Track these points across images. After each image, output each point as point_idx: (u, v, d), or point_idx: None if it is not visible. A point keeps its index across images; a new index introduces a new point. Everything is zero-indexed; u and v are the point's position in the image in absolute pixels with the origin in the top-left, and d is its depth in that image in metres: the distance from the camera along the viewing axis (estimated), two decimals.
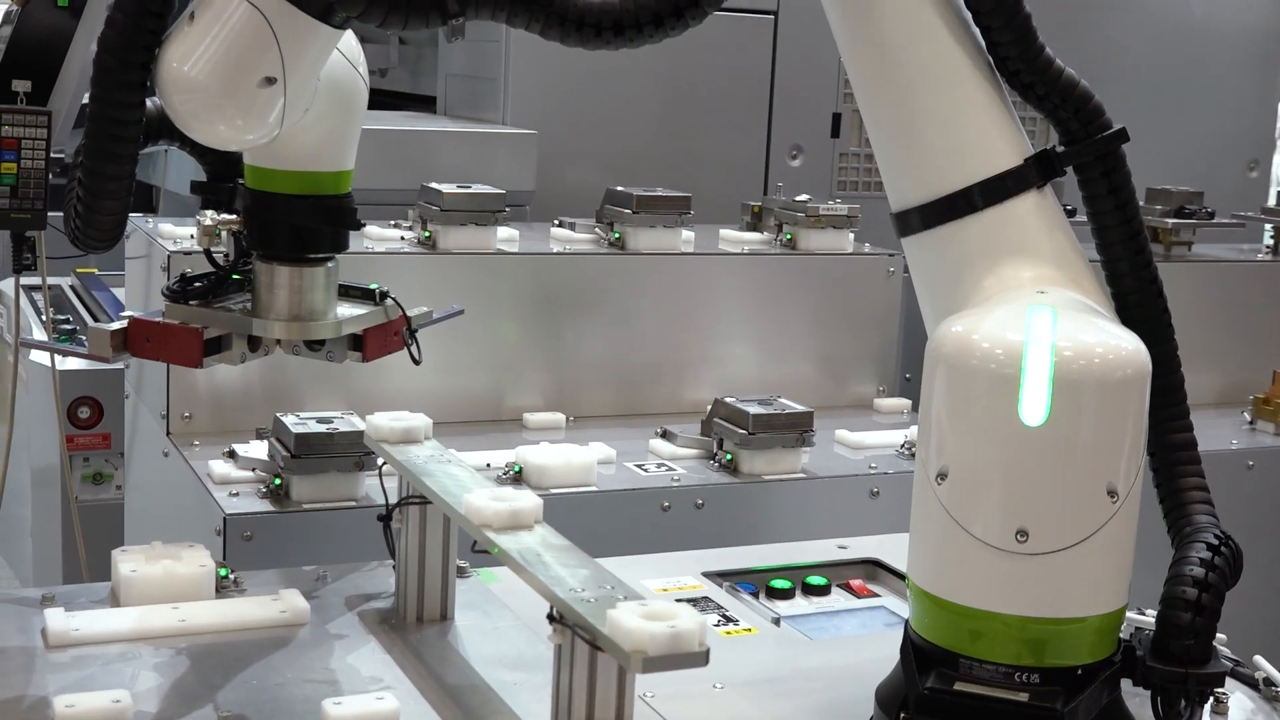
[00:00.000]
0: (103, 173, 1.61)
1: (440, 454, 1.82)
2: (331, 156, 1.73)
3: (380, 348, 1.86)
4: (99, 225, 1.66)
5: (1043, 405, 1.39)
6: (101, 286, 4.74)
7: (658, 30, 1.49)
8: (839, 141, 4.02)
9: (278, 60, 1.53)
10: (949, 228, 1.57)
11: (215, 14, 1.53)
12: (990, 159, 1.56)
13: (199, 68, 1.53)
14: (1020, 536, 1.40)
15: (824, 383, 3.12)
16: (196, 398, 2.63)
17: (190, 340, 1.69)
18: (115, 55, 1.54)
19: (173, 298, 1.73)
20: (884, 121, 1.63)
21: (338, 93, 1.71)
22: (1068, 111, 1.58)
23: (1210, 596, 1.46)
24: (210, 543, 2.15)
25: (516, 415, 2.85)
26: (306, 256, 1.74)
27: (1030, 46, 1.57)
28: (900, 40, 1.59)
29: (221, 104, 1.55)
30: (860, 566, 2.16)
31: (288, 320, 1.74)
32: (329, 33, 1.58)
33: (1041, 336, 1.40)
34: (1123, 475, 1.41)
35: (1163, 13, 4.56)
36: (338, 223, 1.75)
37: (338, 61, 1.70)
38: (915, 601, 1.52)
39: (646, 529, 2.43)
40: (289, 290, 1.74)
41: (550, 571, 1.43)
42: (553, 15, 1.49)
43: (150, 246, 2.77)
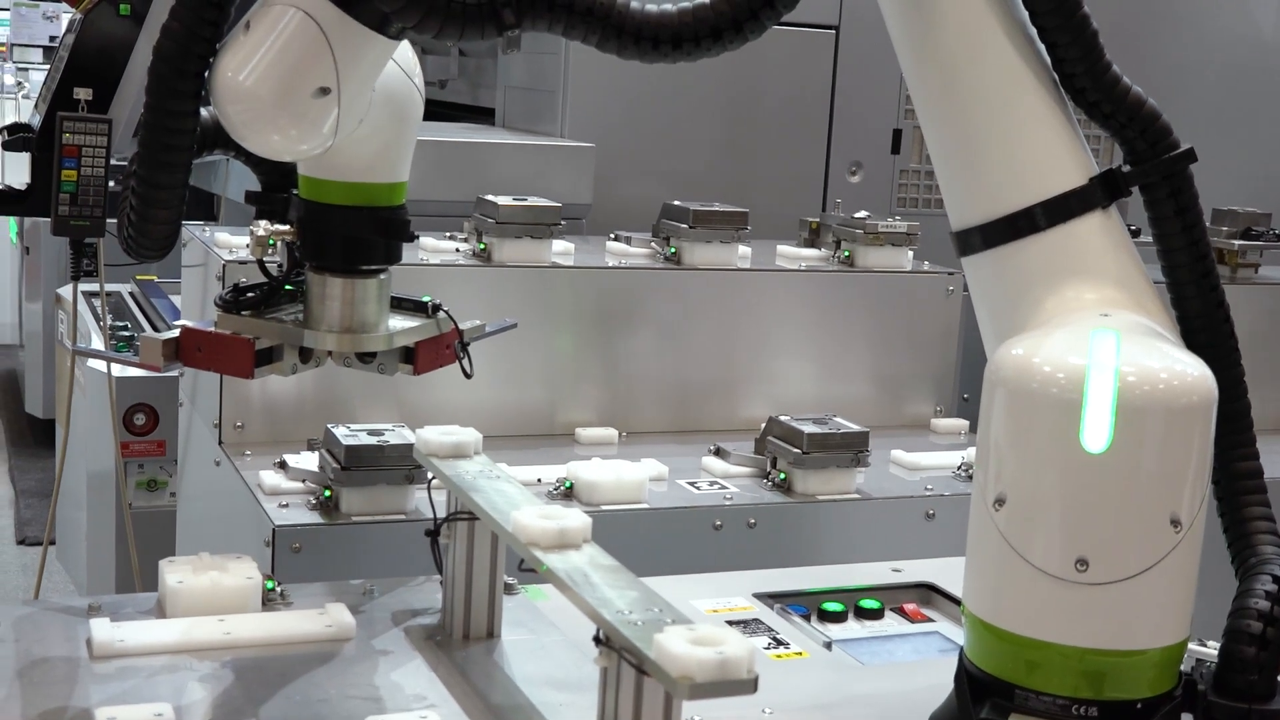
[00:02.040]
0: (156, 182, 1.60)
1: (490, 469, 1.80)
2: (386, 168, 1.72)
3: (432, 361, 1.84)
4: (151, 234, 1.65)
5: (1105, 431, 1.35)
6: (160, 293, 4.77)
7: (716, 44, 1.47)
8: (899, 158, 3.98)
9: (332, 71, 1.52)
10: (1010, 247, 1.54)
11: (271, 24, 1.52)
12: (1054, 178, 1.53)
13: (254, 77, 1.52)
14: (1080, 565, 1.37)
15: (880, 402, 3.09)
16: (249, 407, 2.62)
17: (242, 351, 1.69)
18: (170, 64, 1.53)
19: (225, 308, 1.72)
20: (946, 139, 1.60)
21: (393, 104, 1.69)
22: (1134, 130, 1.55)
23: (1275, 630, 1.42)
24: (259, 553, 2.14)
25: (569, 430, 2.83)
26: (359, 268, 1.73)
27: (1097, 63, 1.53)
28: (963, 56, 1.56)
29: (275, 114, 1.54)
30: (914, 590, 2.13)
31: (339, 332, 1.73)
32: (384, 44, 1.57)
33: (1104, 361, 1.36)
34: (1186, 504, 1.37)
35: (1231, 30, 4.50)
36: (391, 235, 1.73)
37: (393, 73, 1.68)
38: (970, 629, 1.49)
39: (698, 548, 2.41)
40: (341, 302, 1.73)
41: (597, 592, 1.40)
42: (610, 27, 1.47)
43: (206, 255, 2.78)
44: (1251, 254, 3.47)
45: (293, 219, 1.74)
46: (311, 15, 1.51)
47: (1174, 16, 4.32)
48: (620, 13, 1.48)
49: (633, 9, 1.48)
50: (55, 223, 3.30)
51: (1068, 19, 1.52)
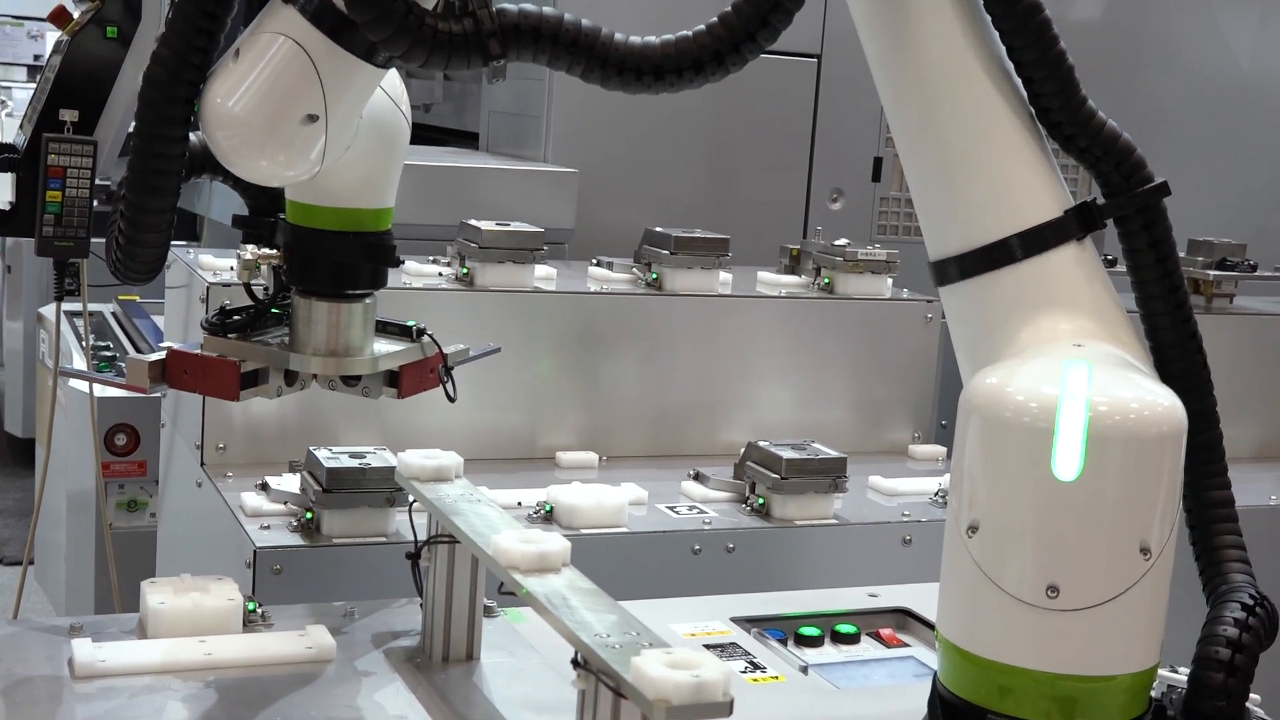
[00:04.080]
0: (145, 206, 1.61)
1: (470, 493, 1.81)
2: (372, 194, 1.74)
3: (416, 384, 1.87)
4: (139, 258, 1.67)
5: (1076, 460, 1.37)
6: (143, 314, 4.77)
7: (698, 75, 1.50)
8: (880, 185, 4.02)
9: (320, 98, 1.54)
10: (986, 278, 1.56)
11: (260, 51, 1.53)
12: (1029, 210, 1.55)
13: (242, 104, 1.54)
14: (1051, 592, 1.39)
15: (859, 428, 3.11)
16: (231, 429, 2.63)
17: (228, 373, 1.71)
18: (160, 90, 1.55)
19: (211, 330, 1.74)
20: (923, 169, 1.62)
21: (380, 131, 1.71)
22: (1109, 164, 1.57)
23: (1244, 657, 1.44)
24: (240, 575, 2.15)
25: (550, 454, 2.84)
26: (345, 292, 1.75)
27: (1073, 98, 1.56)
28: (940, 88, 1.58)
29: (263, 140, 1.56)
30: (890, 616, 2.15)
31: (325, 355, 1.75)
32: (372, 72, 1.58)
33: (1076, 391, 1.38)
34: (1156, 533, 1.39)
35: (1209, 64, 4.54)
36: (377, 259, 1.76)
37: (380, 100, 1.70)
38: (944, 654, 1.50)
39: (676, 572, 2.42)
40: (327, 325, 1.75)
41: (576, 616, 1.42)
42: (594, 59, 1.49)
43: (190, 277, 2.79)
44: (1226, 284, 3.50)
45: (279, 243, 1.76)
46: (300, 43, 1.52)
47: (1153, 50, 4.36)
48: (604, 44, 1.49)
49: (616, 40, 1.50)
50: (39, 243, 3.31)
51: (1043, 54, 1.54)
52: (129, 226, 1.63)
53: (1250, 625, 1.45)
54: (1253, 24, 4.55)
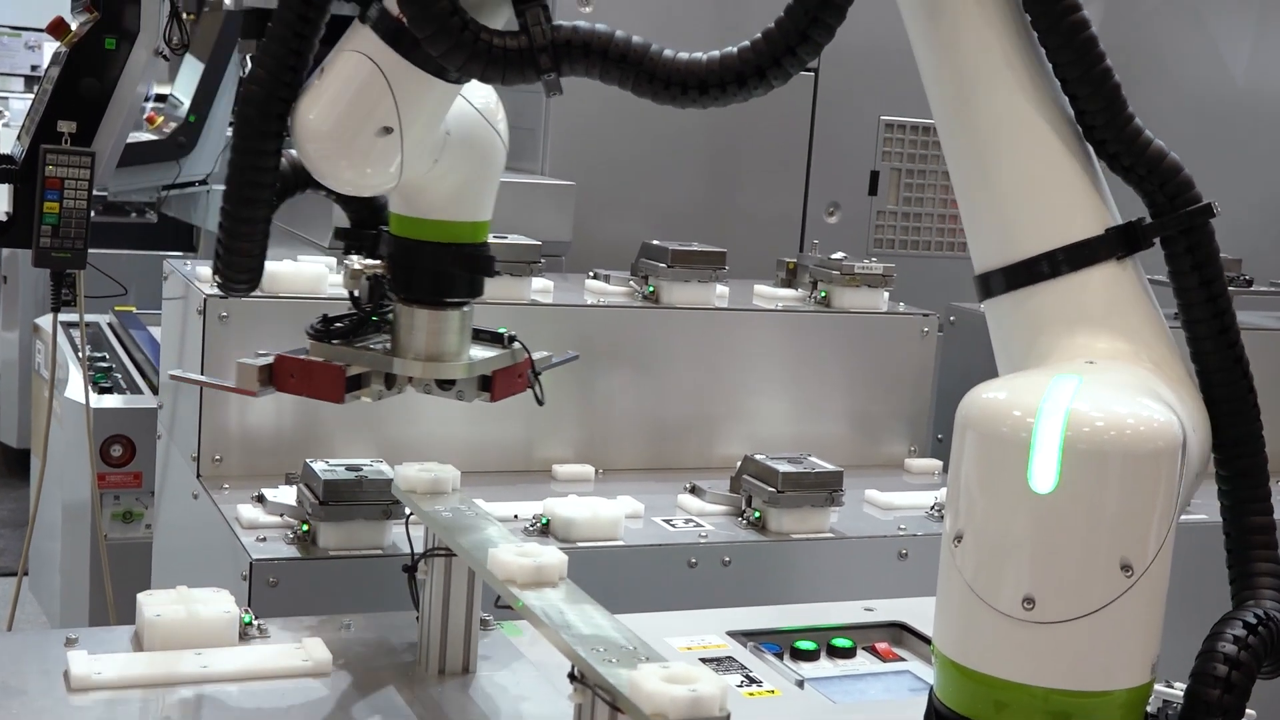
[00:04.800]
0: (241, 216, 1.69)
1: (467, 506, 1.82)
2: (467, 207, 1.82)
3: (507, 388, 1.95)
4: (238, 266, 1.74)
5: (1052, 473, 1.37)
6: (139, 325, 4.78)
7: (741, 90, 1.52)
8: (876, 199, 4.02)
9: (394, 111, 1.63)
10: (1021, 293, 1.57)
11: (339, 69, 1.63)
12: (1068, 227, 1.55)
13: (324, 118, 1.63)
14: (1027, 604, 1.38)
15: (855, 442, 3.11)
16: (228, 441, 2.63)
17: (334, 377, 1.81)
18: (256, 106, 1.63)
19: (317, 336, 1.83)
20: (966, 184, 1.63)
21: (472, 146, 1.79)
22: (1153, 183, 1.56)
23: (1240, 674, 1.43)
24: (236, 587, 2.15)
25: (546, 466, 2.85)
26: (444, 300, 1.83)
27: (1118, 115, 1.55)
28: (982, 102, 1.58)
29: (344, 151, 1.65)
30: (886, 630, 2.15)
31: (425, 360, 1.83)
32: (445, 88, 1.65)
33: (1057, 404, 1.38)
34: (1139, 550, 1.38)
35: (1205, 78, 4.55)
36: (473, 269, 1.84)
37: (470, 116, 1.78)
38: (940, 668, 1.50)
39: (672, 585, 2.42)
40: (427, 332, 1.83)
41: (573, 629, 1.42)
42: (642, 74, 1.52)
43: (187, 289, 2.79)
44: None
45: (382, 254, 1.85)
46: (374, 60, 1.61)
47: (1148, 66, 4.37)
48: (652, 60, 1.52)
49: (664, 56, 1.53)
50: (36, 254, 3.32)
51: (1087, 70, 1.53)
52: (227, 236, 1.72)
53: (1250, 644, 1.44)
54: (1248, 40, 4.56)
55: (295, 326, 2.63)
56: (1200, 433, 1.56)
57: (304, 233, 3.47)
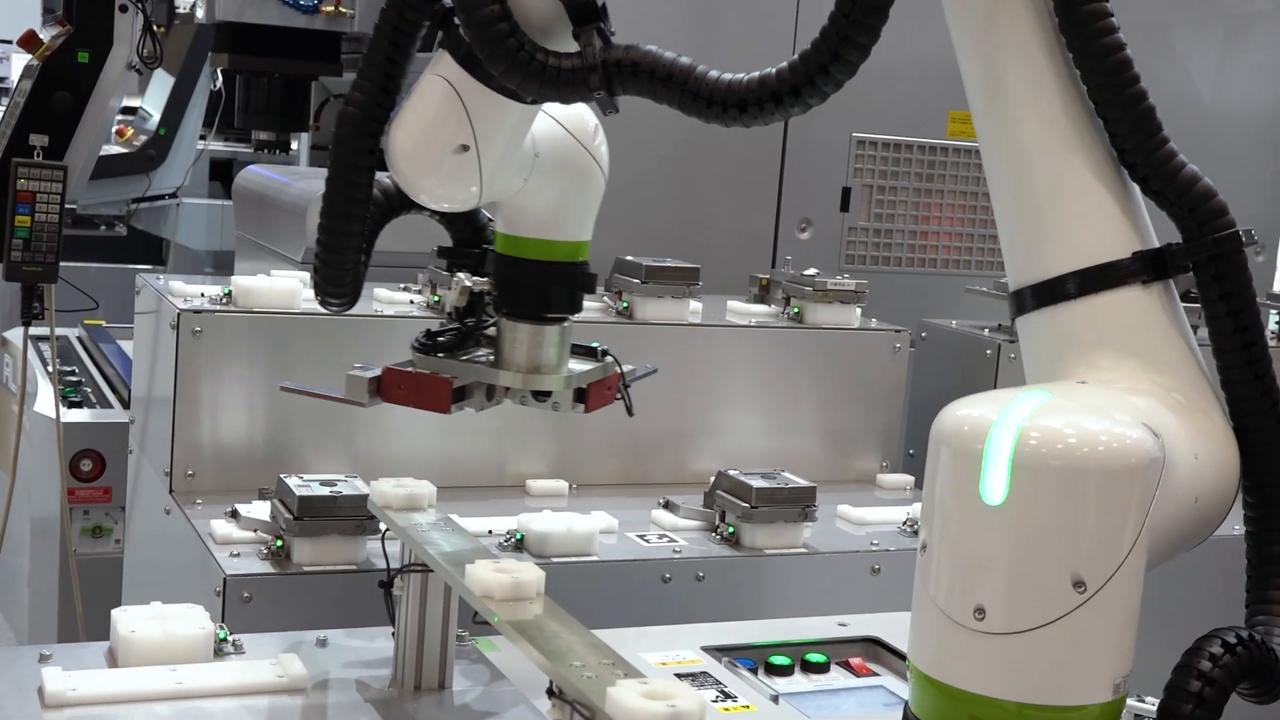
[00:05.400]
0: (336, 230, 1.78)
1: (443, 522, 1.82)
2: (564, 226, 1.91)
3: (599, 400, 2.02)
4: (334, 280, 1.82)
5: (1003, 485, 1.38)
6: (109, 339, 4.76)
7: (778, 108, 1.54)
8: (848, 216, 4.04)
9: (469, 130, 1.71)
10: (1045, 313, 1.58)
11: (421, 91, 1.72)
12: (1094, 249, 1.56)
13: (408, 137, 1.73)
14: (978, 614, 1.39)
15: (827, 457, 3.12)
16: (200, 456, 2.63)
17: (441, 388, 1.88)
18: (354, 126, 1.73)
19: (423, 350, 1.90)
20: (1001, 202, 1.64)
21: (563, 167, 1.87)
22: (1182, 208, 1.55)
23: (1213, 691, 1.44)
24: (209, 602, 2.14)
25: (519, 482, 2.85)
26: (546, 316, 1.92)
27: (1148, 139, 1.55)
28: (1019, 121, 1.59)
29: (428, 169, 1.75)
30: (860, 645, 2.16)
31: (526, 372, 1.91)
32: (518, 107, 1.72)
33: (1014, 419, 1.39)
34: (1094, 568, 1.37)
35: (1172, 96, 4.60)
36: (574, 287, 1.93)
37: (562, 138, 1.87)
38: (913, 683, 1.51)
39: (647, 600, 2.43)
40: (529, 345, 1.91)
41: (551, 645, 1.43)
42: (686, 92, 1.57)
43: (160, 303, 2.78)
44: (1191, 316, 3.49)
45: (488, 271, 1.94)
46: (450, 82, 1.69)
47: None
48: (696, 80, 1.56)
49: (709, 77, 1.56)
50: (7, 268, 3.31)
51: (1118, 93, 1.53)
52: (324, 251, 1.80)
53: (1225, 663, 1.45)
54: (1214, 59, 4.60)
55: (269, 341, 2.65)
56: (1220, 460, 1.56)
57: (277, 247, 3.47)
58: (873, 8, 1.47)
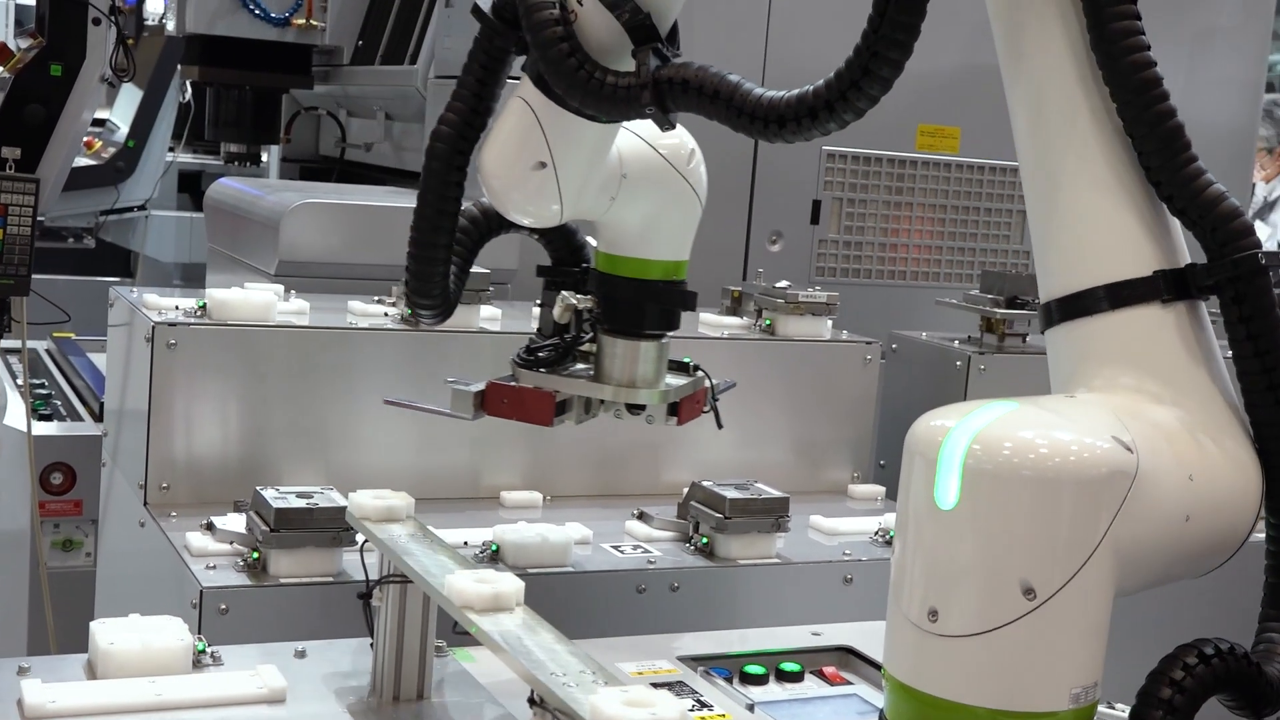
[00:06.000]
0: (427, 242, 1.90)
1: (421, 533, 1.83)
2: (658, 245, 2.01)
3: (690, 413, 2.13)
4: (423, 291, 1.94)
5: (955, 490, 1.41)
6: (78, 351, 4.74)
7: (814, 123, 1.58)
8: (818, 228, 4.07)
9: (545, 147, 1.81)
10: (1069, 326, 1.59)
11: (506, 112, 1.84)
12: (1117, 265, 1.57)
13: (493, 156, 1.85)
14: (932, 616, 1.42)
15: (799, 468, 3.14)
16: (175, 469, 2.63)
17: (544, 402, 1.99)
18: (448, 143, 1.85)
19: (525, 365, 2.02)
20: (1035, 216, 1.65)
21: (651, 187, 1.97)
22: (1204, 228, 1.55)
23: (1184, 699, 1.45)
24: (185, 615, 2.14)
25: (493, 493, 2.86)
26: (643, 332, 2.02)
27: (1173, 158, 1.54)
28: (1046, 138, 1.61)
29: (511, 185, 1.85)
30: (833, 654, 2.18)
31: (626, 386, 2.01)
32: (593, 126, 1.81)
33: (971, 427, 1.42)
34: (1044, 576, 1.39)
35: None
36: (672, 305, 2.04)
37: (651, 159, 1.97)
38: (888, 690, 1.53)
39: (622, 611, 2.44)
40: (628, 360, 2.03)
41: (531, 655, 1.44)
42: (732, 109, 1.63)
43: (133, 315, 2.78)
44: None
45: (590, 289, 2.04)
46: (528, 102, 1.81)
47: None
48: (740, 96, 1.62)
49: (752, 94, 1.61)
50: None
51: (1143, 110, 1.54)
52: (414, 261, 1.92)
53: (1197, 672, 1.46)
54: (1181, 73, 4.65)
55: (244, 353, 2.65)
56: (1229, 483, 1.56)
57: (250, 260, 3.47)
58: (901, 24, 1.49)
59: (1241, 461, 1.57)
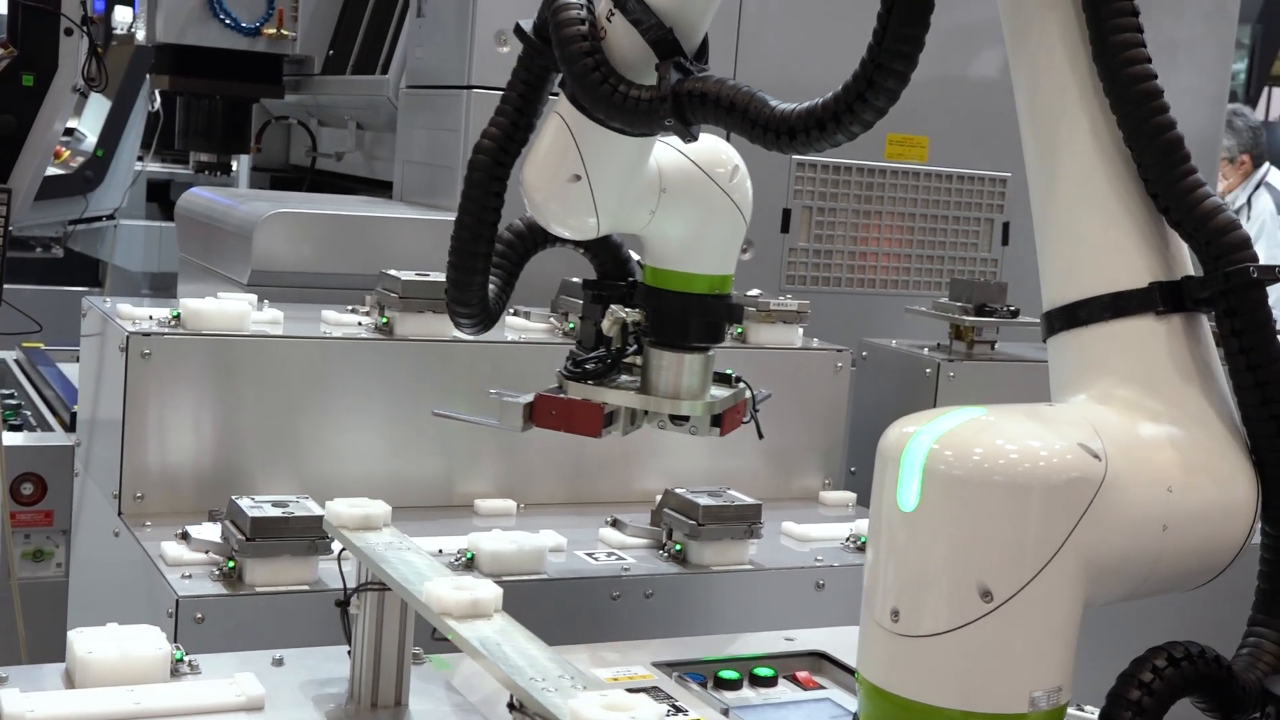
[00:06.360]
0: (466, 251, 1.95)
1: (399, 541, 1.84)
2: (702, 259, 2.05)
3: (732, 424, 2.17)
4: (462, 300, 1.99)
5: (915, 493, 1.43)
6: (48, 361, 4.73)
7: (823, 134, 1.61)
8: (789, 237, 4.09)
9: (579, 160, 1.86)
10: (1066, 335, 1.62)
11: (544, 127, 1.90)
12: (1113, 277, 1.59)
13: (533, 170, 1.91)
14: (894, 616, 1.45)
15: (770, 475, 3.16)
16: (149, 479, 2.63)
17: (593, 413, 2.03)
18: (490, 155, 1.91)
19: (574, 377, 2.06)
20: (1038, 226, 1.68)
21: (690, 202, 2.01)
22: (1199, 241, 1.56)
23: (1152, 700, 1.48)
24: (160, 624, 2.14)
25: (467, 501, 2.87)
26: (688, 344, 2.06)
27: (1170, 170, 1.55)
28: (1053, 152, 1.64)
29: (550, 198, 1.90)
30: (806, 659, 2.20)
31: (672, 398, 2.06)
32: (626, 140, 1.84)
33: (935, 431, 1.44)
34: (1001, 579, 1.41)
35: None
36: (717, 318, 2.08)
37: (690, 174, 2.01)
38: (860, 693, 1.55)
39: (597, 617, 2.46)
40: (674, 372, 2.06)
41: (510, 661, 1.46)
42: (747, 120, 1.66)
43: (107, 325, 2.79)
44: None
45: (637, 302, 2.08)
46: (564, 117, 1.86)
47: None
48: (756, 108, 1.65)
49: (766, 107, 1.65)
50: None
51: (1141, 123, 1.55)
52: (454, 270, 1.97)
53: (1166, 674, 1.48)
54: None
55: (218, 363, 2.66)
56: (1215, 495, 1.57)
57: (222, 270, 3.48)
58: (904, 37, 1.52)
59: (1233, 475, 1.58)
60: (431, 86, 3.78)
